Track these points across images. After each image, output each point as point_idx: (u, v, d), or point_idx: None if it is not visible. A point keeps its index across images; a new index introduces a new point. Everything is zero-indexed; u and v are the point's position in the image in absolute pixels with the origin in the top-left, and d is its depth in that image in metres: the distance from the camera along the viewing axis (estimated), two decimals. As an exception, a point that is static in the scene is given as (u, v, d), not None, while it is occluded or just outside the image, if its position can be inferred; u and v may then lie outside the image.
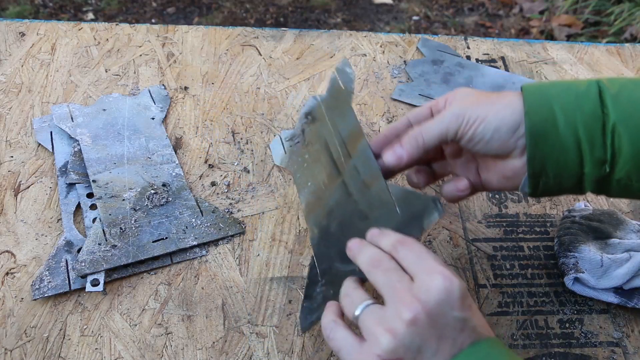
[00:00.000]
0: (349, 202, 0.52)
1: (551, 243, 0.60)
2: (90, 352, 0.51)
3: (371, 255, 0.43)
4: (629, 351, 0.52)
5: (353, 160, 0.53)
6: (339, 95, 0.58)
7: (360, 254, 0.44)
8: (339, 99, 0.58)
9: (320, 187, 0.57)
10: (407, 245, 0.42)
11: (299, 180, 0.60)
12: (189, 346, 0.52)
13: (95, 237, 0.57)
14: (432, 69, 0.78)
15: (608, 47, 0.83)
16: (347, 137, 0.55)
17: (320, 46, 0.80)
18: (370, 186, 0.50)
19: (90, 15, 2.05)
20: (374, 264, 0.42)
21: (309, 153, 0.60)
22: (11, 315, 0.53)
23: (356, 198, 0.51)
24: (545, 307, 0.55)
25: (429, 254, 0.41)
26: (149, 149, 0.66)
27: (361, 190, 0.51)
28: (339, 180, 0.54)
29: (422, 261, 0.40)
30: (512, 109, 0.44)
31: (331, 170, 0.56)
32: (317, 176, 0.57)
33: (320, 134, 0.59)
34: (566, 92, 0.43)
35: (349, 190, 0.53)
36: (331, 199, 0.54)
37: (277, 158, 0.66)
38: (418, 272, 0.40)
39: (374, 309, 0.40)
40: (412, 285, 0.39)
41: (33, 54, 0.77)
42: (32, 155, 0.65)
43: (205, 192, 0.63)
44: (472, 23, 2.09)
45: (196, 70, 0.76)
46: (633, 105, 0.41)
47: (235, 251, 0.58)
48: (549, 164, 0.43)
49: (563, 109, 0.42)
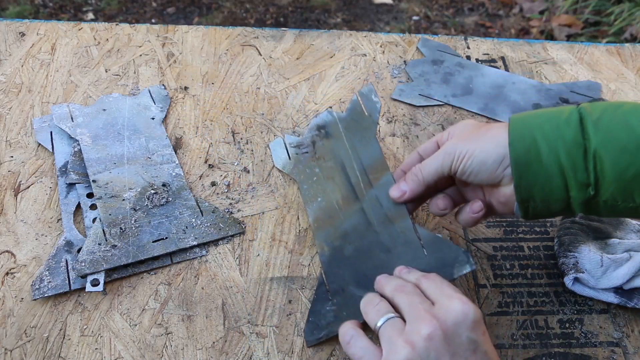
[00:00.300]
0: (369, 231, 0.54)
1: (551, 243, 0.60)
2: (90, 352, 0.51)
3: (397, 283, 0.48)
4: (629, 351, 0.52)
5: (374, 190, 0.56)
6: (360, 119, 0.61)
7: (387, 284, 0.48)
8: (360, 124, 0.61)
9: (334, 207, 0.58)
10: (430, 277, 0.47)
11: (307, 192, 0.60)
12: (189, 346, 0.52)
13: (95, 237, 0.57)
14: (432, 69, 0.78)
15: (608, 47, 0.83)
16: (369, 167, 0.58)
17: (320, 46, 0.80)
18: (395, 221, 0.54)
19: (90, 15, 2.05)
20: (399, 289, 0.47)
21: (320, 168, 0.61)
22: (11, 315, 0.53)
23: (377, 229, 0.54)
24: (545, 307, 0.55)
25: (450, 285, 0.46)
26: (149, 149, 0.66)
27: (384, 222, 0.54)
28: (356, 206, 0.56)
29: (443, 289, 0.45)
30: (496, 142, 0.47)
31: (348, 193, 0.58)
32: (330, 194, 0.59)
33: (335, 153, 0.61)
34: (548, 121, 0.45)
35: (369, 219, 0.55)
36: (347, 221, 0.56)
37: (279, 161, 0.65)
38: (439, 297, 0.45)
39: (396, 322, 0.44)
40: (432, 307, 0.44)
41: (33, 54, 0.77)
42: (32, 155, 0.65)
43: (205, 192, 0.63)
44: (472, 23, 2.09)
45: (196, 70, 0.76)
46: (613, 130, 0.43)
47: (235, 251, 0.58)
48: (536, 191, 0.46)
49: (545, 138, 0.45)
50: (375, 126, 0.60)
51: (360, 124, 0.61)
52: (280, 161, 0.65)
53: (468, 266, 0.50)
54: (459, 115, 0.72)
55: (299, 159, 0.64)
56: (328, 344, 0.52)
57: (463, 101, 0.74)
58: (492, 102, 0.74)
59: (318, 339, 0.51)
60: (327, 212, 0.58)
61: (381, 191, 0.56)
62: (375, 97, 0.62)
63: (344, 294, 0.52)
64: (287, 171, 0.64)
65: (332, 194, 0.59)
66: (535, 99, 0.74)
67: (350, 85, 0.75)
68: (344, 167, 0.59)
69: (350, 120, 0.62)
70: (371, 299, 0.48)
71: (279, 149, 0.66)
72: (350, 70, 0.77)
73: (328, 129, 0.63)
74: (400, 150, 0.68)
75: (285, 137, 0.67)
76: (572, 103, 0.72)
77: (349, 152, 0.60)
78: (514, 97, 0.75)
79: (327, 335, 0.51)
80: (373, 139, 0.59)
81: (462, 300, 0.43)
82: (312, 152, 0.63)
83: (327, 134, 0.63)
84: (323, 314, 0.52)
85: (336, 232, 0.56)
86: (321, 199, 0.59)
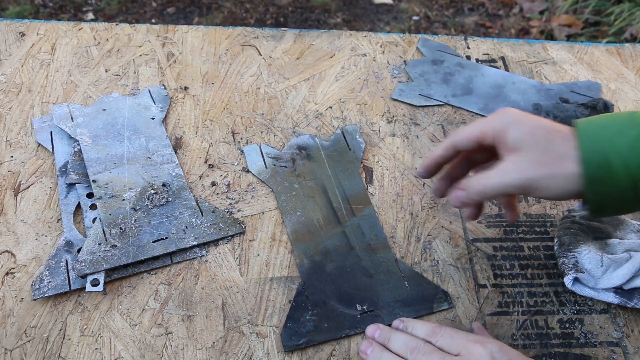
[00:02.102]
0: (351, 254, 0.58)
1: (551, 243, 0.60)
2: (90, 352, 0.51)
3: (405, 341, 0.49)
4: (629, 351, 0.52)
5: (357, 219, 0.61)
6: (344, 152, 0.66)
7: (395, 340, 0.50)
8: (343, 157, 0.66)
9: (314, 224, 0.60)
10: (440, 332, 0.49)
11: (285, 204, 0.62)
12: (189, 346, 0.52)
13: (95, 237, 0.57)
14: (432, 69, 0.78)
15: (608, 47, 0.83)
16: (351, 197, 0.62)
17: (320, 46, 0.80)
18: (377, 251, 0.58)
19: (90, 15, 2.05)
20: (414, 351, 0.48)
21: (300, 185, 0.63)
22: (11, 315, 0.53)
23: (359, 254, 0.58)
24: (545, 307, 0.55)
25: (460, 331, 0.48)
26: (149, 149, 0.66)
27: (366, 250, 0.58)
28: (338, 228, 0.60)
29: (458, 340, 0.47)
30: (572, 180, 0.46)
31: (329, 215, 0.61)
32: (310, 212, 0.61)
33: (317, 174, 0.64)
34: (619, 135, 0.45)
35: (351, 244, 0.59)
36: (328, 241, 0.59)
37: (253, 167, 0.65)
38: (459, 349, 0.46)
39: None
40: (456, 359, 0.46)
41: (33, 54, 0.77)
42: (32, 155, 0.65)
43: (205, 192, 0.63)
44: (472, 23, 2.09)
45: (196, 70, 0.76)
46: None
47: (235, 251, 0.58)
48: (609, 203, 0.46)
49: (618, 153, 0.44)
50: (358, 163, 0.65)
51: (343, 157, 0.66)
52: (256, 167, 0.65)
53: (446, 304, 0.55)
54: (459, 115, 0.72)
55: (276, 170, 0.65)
56: (328, 343, 0.52)
57: (463, 101, 0.74)
58: (492, 102, 0.74)
59: (297, 345, 0.52)
60: (306, 227, 0.60)
61: (364, 221, 0.60)
62: (359, 138, 0.68)
63: (325, 307, 0.54)
64: (262, 178, 0.64)
65: (312, 212, 0.61)
66: (535, 99, 0.74)
67: (350, 85, 0.75)
68: (326, 191, 0.63)
69: (333, 150, 0.67)
70: None
71: (253, 154, 0.66)
72: (350, 70, 0.77)
73: (309, 151, 0.66)
74: (400, 150, 0.68)
75: (262, 145, 0.67)
76: (572, 103, 0.72)
77: (331, 178, 0.63)
78: (514, 97, 0.75)
79: (306, 343, 0.52)
80: (356, 174, 0.64)
81: (480, 342, 0.46)
82: (292, 168, 0.65)
83: (308, 156, 0.66)
84: (302, 322, 0.53)
85: (316, 248, 0.58)
86: (300, 214, 0.61)
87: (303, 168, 0.65)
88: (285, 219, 0.61)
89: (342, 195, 0.62)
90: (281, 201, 0.62)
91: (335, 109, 0.72)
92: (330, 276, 0.56)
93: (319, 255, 0.58)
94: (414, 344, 0.48)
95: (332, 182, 0.63)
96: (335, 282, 0.56)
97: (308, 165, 0.65)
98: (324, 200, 0.62)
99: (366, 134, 0.69)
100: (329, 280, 0.56)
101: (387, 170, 0.66)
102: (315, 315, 0.53)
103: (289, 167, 0.65)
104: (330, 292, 0.55)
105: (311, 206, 0.61)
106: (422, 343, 0.48)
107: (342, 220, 0.60)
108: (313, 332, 0.52)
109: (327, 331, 0.52)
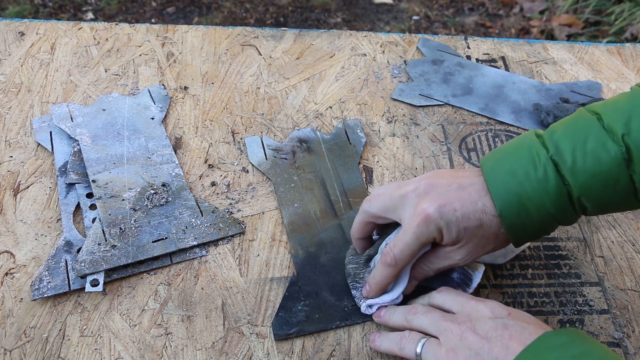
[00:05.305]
0: (346, 247, 0.58)
1: (551, 243, 0.60)
2: (89, 353, 0.51)
3: (403, 309, 0.50)
4: (630, 351, 0.52)
5: (353, 212, 0.60)
6: (344, 146, 0.67)
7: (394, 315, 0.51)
8: (343, 151, 0.67)
9: (310, 215, 0.60)
10: (442, 291, 0.50)
11: (283, 195, 0.62)
12: (189, 346, 0.51)
13: (94, 237, 0.56)
14: (432, 68, 0.78)
15: (608, 46, 0.83)
16: (349, 190, 0.63)
17: (320, 46, 0.80)
18: None
19: (90, 14, 2.05)
20: (411, 312, 0.49)
21: (299, 177, 0.64)
22: (10, 316, 0.53)
23: None
24: (545, 308, 0.55)
25: (461, 292, 0.50)
26: (149, 149, 0.65)
27: None
28: (335, 221, 0.60)
29: (459, 297, 0.49)
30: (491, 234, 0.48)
31: (326, 208, 0.61)
32: (308, 204, 0.61)
33: (316, 167, 0.65)
34: (527, 179, 0.46)
35: (346, 236, 0.59)
36: (323, 233, 0.59)
37: (254, 158, 0.66)
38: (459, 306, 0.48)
39: (432, 341, 0.46)
40: (454, 316, 0.47)
41: (32, 54, 0.77)
42: (31, 155, 0.65)
43: (205, 192, 0.63)
44: (472, 23, 2.09)
45: (196, 70, 0.76)
46: (588, 172, 0.45)
47: (235, 251, 0.58)
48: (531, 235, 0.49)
49: (530, 199, 0.46)
50: (358, 157, 0.66)
51: (343, 151, 0.67)
52: (256, 158, 0.66)
53: None
54: (459, 115, 0.72)
55: (276, 162, 0.65)
56: (328, 343, 0.52)
57: (463, 101, 0.74)
58: (493, 102, 0.74)
59: (287, 334, 0.52)
60: (303, 219, 0.60)
61: None
62: (360, 132, 0.68)
63: (318, 297, 0.55)
64: (262, 170, 0.64)
65: (309, 204, 0.61)
66: (535, 98, 0.74)
67: (350, 85, 0.75)
68: (324, 183, 0.63)
69: (334, 144, 0.67)
70: (393, 338, 0.49)
71: (254, 145, 0.67)
72: (350, 70, 0.77)
73: (310, 144, 0.67)
74: (401, 150, 0.68)
75: (263, 137, 0.67)
76: (572, 103, 0.72)
77: (331, 171, 0.64)
78: (514, 97, 0.74)
79: (297, 333, 0.52)
80: (355, 168, 0.65)
81: (480, 300, 0.48)
82: (292, 160, 0.65)
83: (308, 149, 0.66)
84: (294, 312, 0.53)
85: (312, 239, 0.59)
86: (298, 205, 0.61)
87: (303, 160, 0.65)
88: (283, 210, 0.61)
89: (340, 188, 0.63)
90: (279, 192, 0.62)
91: (335, 109, 0.72)
92: (324, 268, 0.57)
93: (314, 246, 0.58)
94: (409, 308, 0.50)
95: (331, 175, 0.64)
96: (329, 273, 0.56)
97: (308, 157, 0.66)
98: (322, 193, 0.62)
99: (366, 134, 0.69)
100: (323, 272, 0.56)
101: (387, 170, 0.66)
102: (307, 305, 0.54)
103: (289, 160, 0.65)
104: (324, 284, 0.55)
105: (309, 198, 0.62)
106: (420, 305, 0.50)
107: (338, 213, 0.61)
108: (304, 322, 0.53)
109: (318, 322, 0.53)
